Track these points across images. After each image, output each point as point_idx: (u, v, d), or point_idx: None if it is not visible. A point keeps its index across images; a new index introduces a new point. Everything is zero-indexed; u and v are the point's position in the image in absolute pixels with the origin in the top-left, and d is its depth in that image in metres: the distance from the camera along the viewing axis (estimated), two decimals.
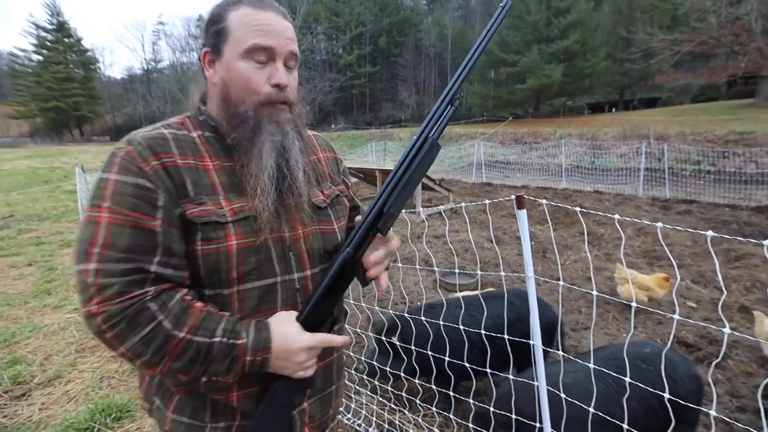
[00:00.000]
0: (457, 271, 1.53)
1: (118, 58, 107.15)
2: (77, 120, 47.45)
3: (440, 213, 7.02)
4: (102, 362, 2.78)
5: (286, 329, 0.72)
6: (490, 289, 3.20)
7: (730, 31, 19.06)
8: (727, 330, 1.00)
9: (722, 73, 21.34)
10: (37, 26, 44.76)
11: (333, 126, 38.79)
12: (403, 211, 0.86)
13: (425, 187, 7.30)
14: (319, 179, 0.89)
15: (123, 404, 2.29)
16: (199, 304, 0.69)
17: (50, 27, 45.58)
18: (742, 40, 18.90)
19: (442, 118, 0.75)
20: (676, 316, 1.03)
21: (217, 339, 0.67)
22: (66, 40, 46.42)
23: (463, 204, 1.58)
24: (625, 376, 1.28)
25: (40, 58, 44.66)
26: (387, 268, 0.84)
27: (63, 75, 44.37)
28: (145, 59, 54.63)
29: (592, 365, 1.28)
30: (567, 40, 25.25)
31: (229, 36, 0.74)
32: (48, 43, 44.98)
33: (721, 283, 1.01)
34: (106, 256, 0.63)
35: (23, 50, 45.30)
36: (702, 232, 1.00)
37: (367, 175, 8.43)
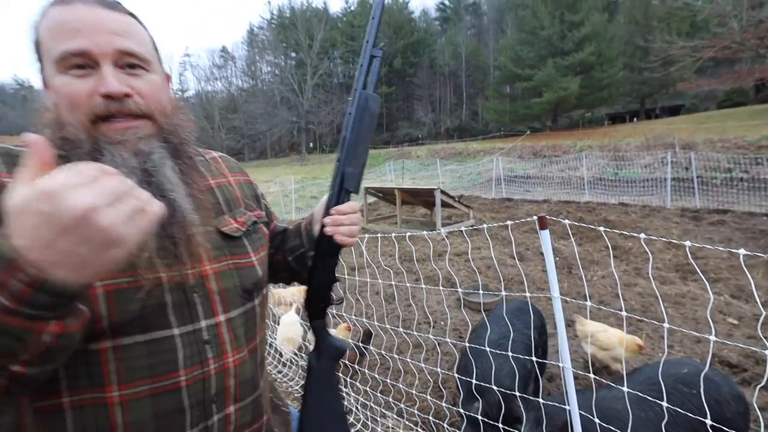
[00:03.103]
0: (481, 291, 1.52)
1: None
2: None
3: (461, 231, 6.97)
4: None
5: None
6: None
7: (754, 35, 18.52)
8: None
9: (749, 78, 20.64)
10: None
11: None
12: (425, 231, 0.88)
13: (444, 204, 7.29)
14: (231, 205, 0.76)
15: None
16: None
17: None
18: None
19: (368, 69, 0.77)
20: (712, 337, 0.99)
21: None
22: None
23: (485, 225, 1.58)
24: (665, 400, 1.23)
25: None
26: (351, 227, 0.78)
27: None
28: (173, 89, 57.57)
29: (625, 389, 1.24)
30: (582, 53, 25.18)
31: (42, 51, 0.59)
32: None
33: (757, 300, 0.97)
34: None
35: None
36: (735, 250, 0.98)
37: (386, 194, 8.48)
